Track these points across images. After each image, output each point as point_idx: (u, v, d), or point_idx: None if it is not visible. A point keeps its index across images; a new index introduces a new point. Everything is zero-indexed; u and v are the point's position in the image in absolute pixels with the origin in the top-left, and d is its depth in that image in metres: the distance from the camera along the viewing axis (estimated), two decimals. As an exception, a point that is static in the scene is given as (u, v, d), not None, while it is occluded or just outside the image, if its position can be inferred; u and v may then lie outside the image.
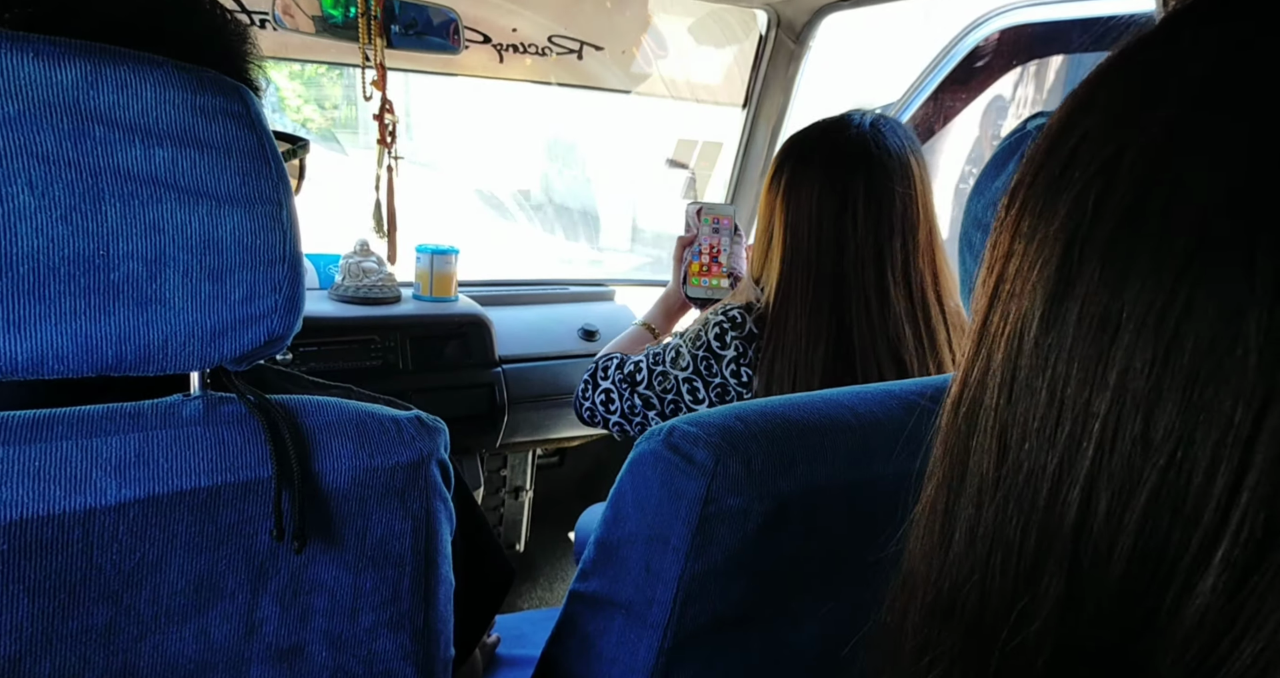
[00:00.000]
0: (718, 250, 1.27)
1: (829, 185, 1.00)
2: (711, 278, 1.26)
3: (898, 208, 0.99)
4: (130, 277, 0.44)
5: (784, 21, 1.66)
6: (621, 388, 1.12)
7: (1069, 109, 0.27)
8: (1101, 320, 0.23)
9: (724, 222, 1.28)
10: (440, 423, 0.54)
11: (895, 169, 1.00)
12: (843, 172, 1.00)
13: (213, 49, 0.55)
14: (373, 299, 1.52)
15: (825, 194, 0.99)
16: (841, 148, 1.01)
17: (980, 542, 0.28)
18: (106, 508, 0.45)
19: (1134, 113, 0.24)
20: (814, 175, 1.01)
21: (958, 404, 0.30)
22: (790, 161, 1.04)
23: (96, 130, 0.42)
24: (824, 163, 1.01)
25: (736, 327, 1.03)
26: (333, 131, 8.20)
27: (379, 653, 0.54)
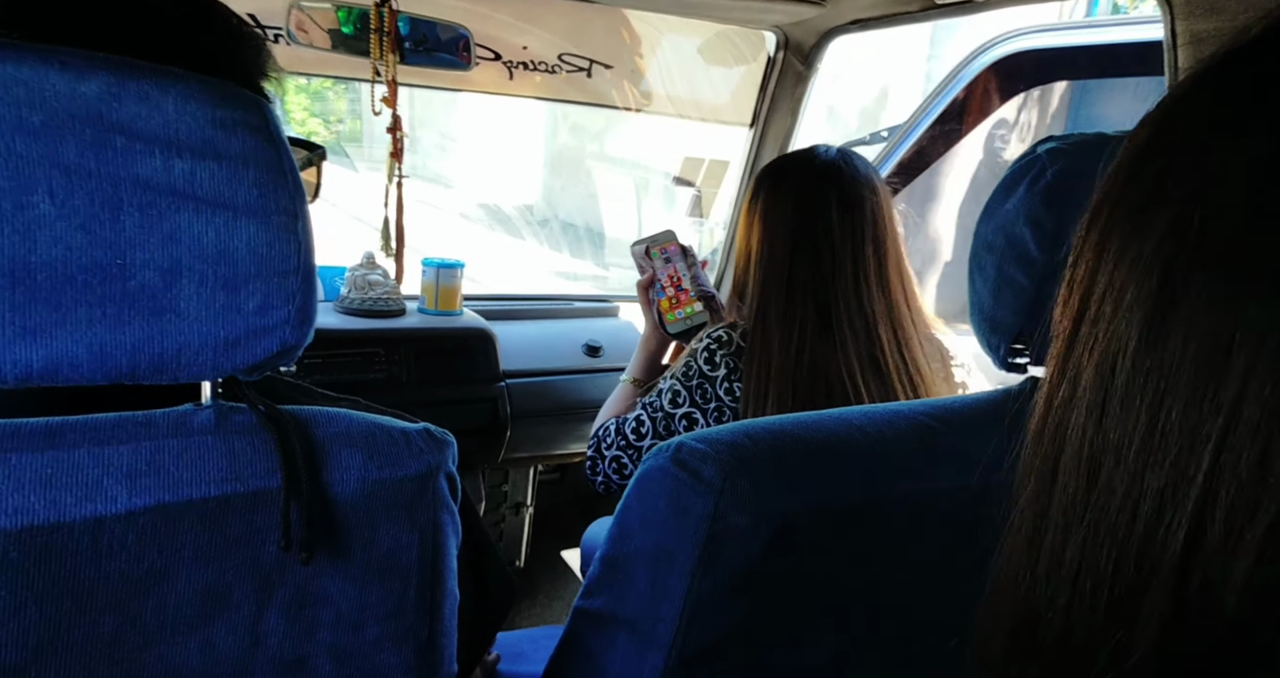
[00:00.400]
0: (679, 278, 1.26)
1: (804, 196, 1.06)
2: (684, 307, 1.25)
3: (869, 216, 1.05)
4: (146, 286, 0.44)
5: (792, 43, 1.67)
6: (628, 451, 1.12)
7: (1155, 126, 0.26)
8: (1213, 342, 0.22)
9: (670, 249, 1.27)
10: (449, 436, 0.54)
11: (863, 181, 1.07)
12: (815, 182, 1.06)
13: (229, 60, 0.56)
14: (378, 312, 1.52)
15: (800, 204, 1.05)
16: (813, 166, 1.08)
17: (1068, 567, 0.26)
18: (116, 516, 0.45)
19: (1239, 124, 0.23)
20: (789, 190, 1.07)
21: (1043, 426, 0.29)
22: (767, 183, 1.10)
23: (118, 141, 0.43)
24: (798, 179, 1.08)
25: (724, 344, 1.05)
26: (340, 145, 8.26)
27: (382, 667, 0.54)
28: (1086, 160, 0.63)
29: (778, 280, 1.04)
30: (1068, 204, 0.62)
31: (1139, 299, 0.24)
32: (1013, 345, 0.66)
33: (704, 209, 2.00)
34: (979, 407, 0.66)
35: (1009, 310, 0.64)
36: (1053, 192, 0.62)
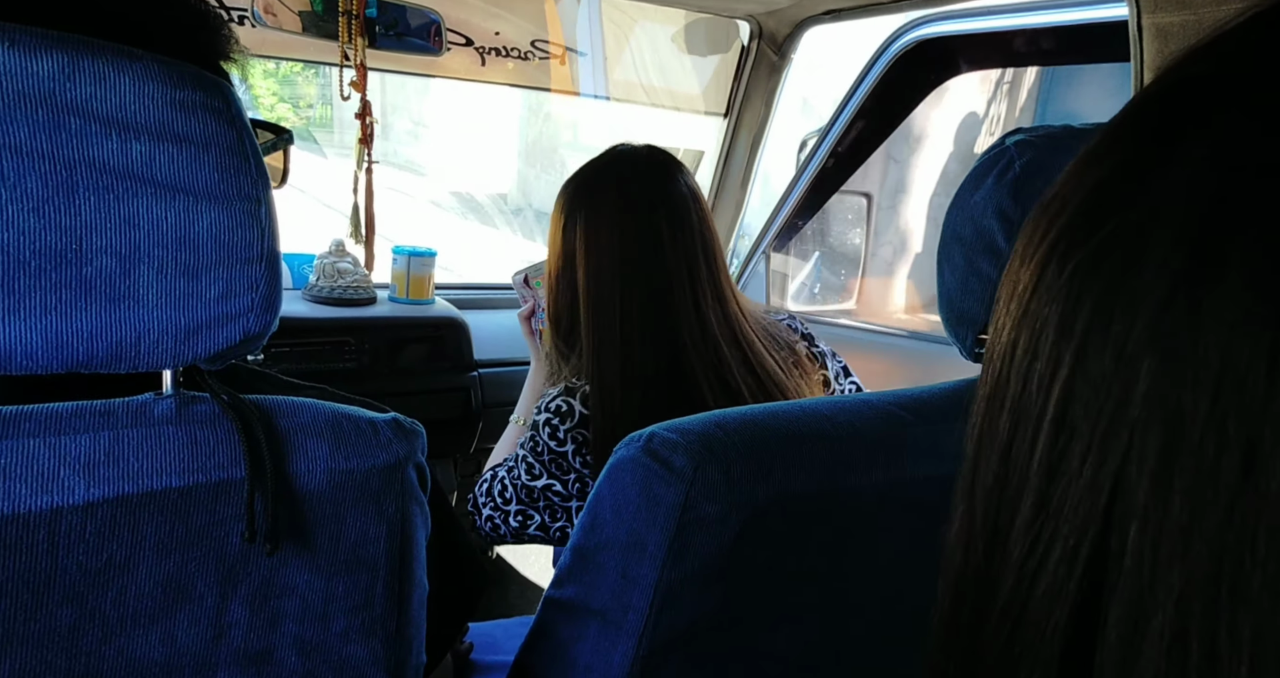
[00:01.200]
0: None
1: (627, 217, 0.95)
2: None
3: (696, 225, 0.96)
4: (103, 272, 0.43)
5: (766, 33, 1.67)
6: (498, 513, 1.00)
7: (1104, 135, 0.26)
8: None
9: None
10: (418, 426, 0.54)
11: (688, 196, 0.97)
12: (638, 198, 0.95)
13: (188, 41, 0.55)
14: (348, 300, 1.50)
15: (625, 227, 0.94)
16: (630, 177, 0.98)
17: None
18: (74, 507, 0.44)
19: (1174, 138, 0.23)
20: (609, 211, 0.95)
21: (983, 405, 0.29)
22: (581, 204, 0.98)
23: (72, 122, 0.42)
24: (615, 195, 0.96)
25: (565, 416, 0.93)
26: (309, 131, 8.13)
27: (350, 659, 0.53)
28: (1054, 153, 0.63)
29: (608, 324, 0.93)
30: (1035, 196, 0.62)
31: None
32: (980, 336, 0.67)
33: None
34: (947, 397, 0.66)
35: (976, 301, 0.65)
36: (1020, 183, 0.62)
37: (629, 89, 1.76)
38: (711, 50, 1.75)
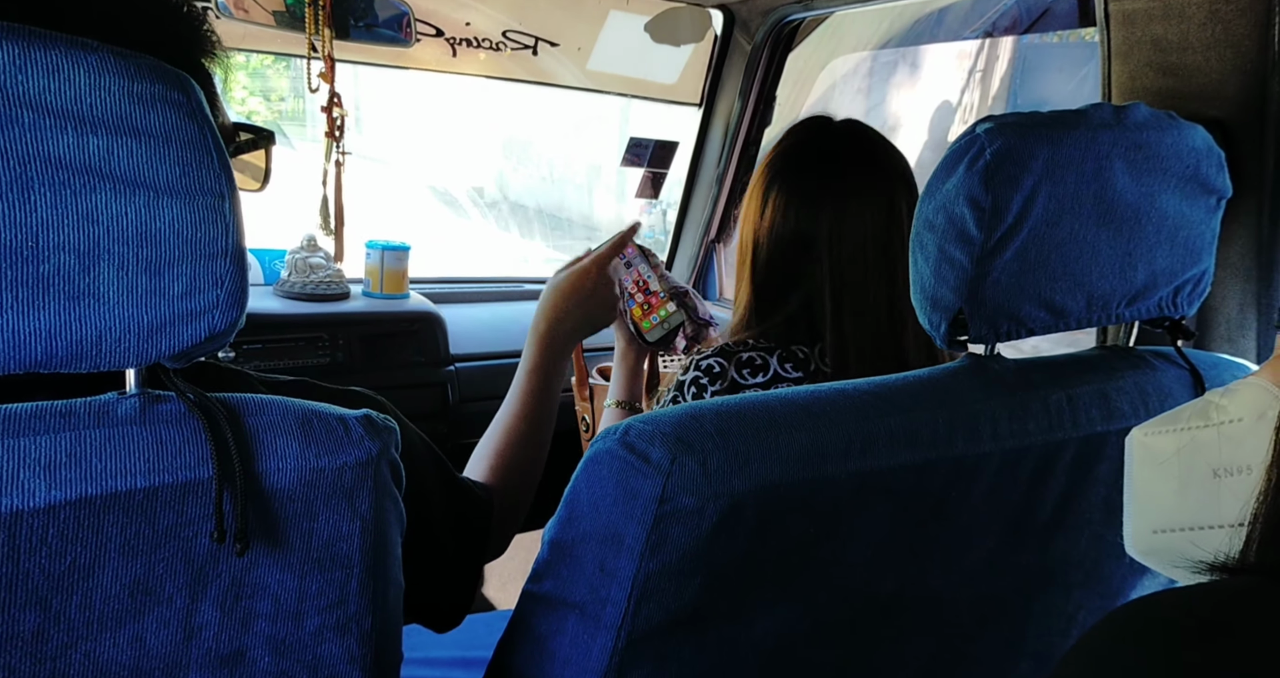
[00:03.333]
0: (645, 282, 1.15)
1: (876, 198, 0.89)
2: (658, 311, 1.14)
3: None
4: (61, 269, 0.42)
5: (739, 22, 1.67)
6: None
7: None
8: None
9: (629, 252, 1.16)
10: (391, 422, 0.53)
11: (910, 172, 0.93)
12: (886, 174, 0.91)
13: (165, 36, 0.53)
14: (320, 296, 1.49)
15: (876, 207, 0.89)
16: (893, 153, 0.93)
17: None
18: (35, 510, 0.43)
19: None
20: (881, 185, 0.90)
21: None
22: (813, 172, 0.91)
23: (25, 116, 0.40)
24: (889, 167, 0.91)
25: (716, 378, 0.90)
26: (279, 124, 8.02)
27: (324, 658, 0.53)
28: (1023, 140, 0.63)
29: (855, 299, 0.88)
30: (1006, 183, 0.63)
31: None
32: (954, 323, 0.67)
33: (655, 190, 1.99)
34: (920, 384, 0.67)
35: (949, 289, 0.65)
36: (991, 171, 0.62)
37: (601, 80, 1.75)
38: (684, 40, 1.74)
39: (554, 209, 7.59)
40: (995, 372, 0.69)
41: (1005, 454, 0.65)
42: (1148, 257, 0.70)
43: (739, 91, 1.71)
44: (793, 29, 1.65)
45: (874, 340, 0.90)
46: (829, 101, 5.52)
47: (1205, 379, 0.73)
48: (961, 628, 0.73)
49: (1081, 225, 0.66)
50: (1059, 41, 5.23)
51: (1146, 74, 0.90)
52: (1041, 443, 0.67)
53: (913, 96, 5.52)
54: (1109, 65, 0.94)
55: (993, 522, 0.68)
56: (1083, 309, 0.69)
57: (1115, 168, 0.66)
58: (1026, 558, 0.71)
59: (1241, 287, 0.90)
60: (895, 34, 4.27)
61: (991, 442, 0.65)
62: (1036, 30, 4.25)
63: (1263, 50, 0.80)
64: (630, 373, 1.16)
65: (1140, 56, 0.90)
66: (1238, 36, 0.82)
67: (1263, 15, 0.80)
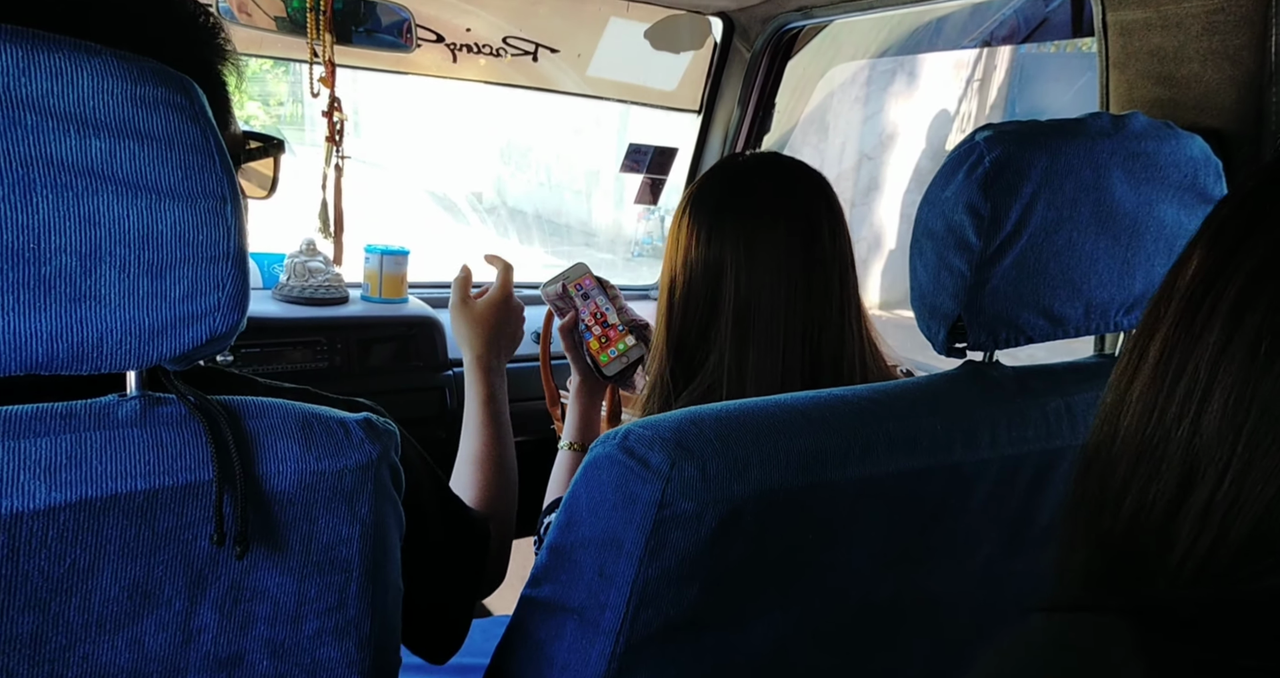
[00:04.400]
0: (603, 314, 1.10)
1: (794, 222, 0.87)
2: (616, 345, 1.09)
3: (848, 245, 0.90)
4: (63, 271, 0.42)
5: (739, 29, 1.67)
6: None
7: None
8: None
9: (586, 282, 1.11)
10: (391, 425, 0.53)
11: (838, 207, 0.91)
12: (801, 195, 0.89)
13: (178, 44, 0.54)
14: (319, 300, 1.49)
15: (790, 230, 0.86)
16: (793, 174, 0.91)
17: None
18: (35, 512, 0.43)
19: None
20: (770, 227, 0.87)
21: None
22: (731, 218, 0.88)
23: (28, 118, 0.41)
24: (775, 194, 0.88)
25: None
26: (279, 129, 8.03)
27: (323, 662, 0.53)
28: (1022, 148, 0.64)
29: (767, 330, 0.85)
30: (1004, 191, 0.63)
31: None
32: (952, 330, 0.67)
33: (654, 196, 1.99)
34: (919, 391, 0.67)
35: (948, 296, 0.65)
36: (990, 179, 0.63)
37: (601, 86, 1.75)
38: (684, 47, 1.75)
39: (552, 215, 7.60)
40: (994, 379, 0.69)
41: (1004, 461, 0.66)
42: (1145, 265, 0.70)
43: (738, 99, 1.72)
44: (792, 37, 1.65)
45: (780, 372, 0.86)
46: (827, 110, 5.55)
47: (1202, 387, 0.74)
48: (958, 635, 0.73)
49: (1080, 234, 0.66)
50: (1056, 52, 5.25)
51: (1144, 84, 0.91)
52: (1040, 451, 0.67)
53: (911, 105, 5.55)
54: (1107, 75, 0.94)
55: (991, 529, 0.69)
56: (1081, 317, 0.69)
57: (1113, 177, 0.66)
58: (1024, 565, 0.71)
59: (1238, 295, 0.90)
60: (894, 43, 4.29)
61: (990, 449, 0.65)
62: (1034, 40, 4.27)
63: (1260, 61, 0.81)
64: (586, 409, 1.12)
65: (1138, 67, 0.91)
66: (1235, 47, 0.82)
67: (1260, 27, 0.80)
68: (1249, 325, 0.34)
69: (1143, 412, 0.37)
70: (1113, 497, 0.38)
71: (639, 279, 2.03)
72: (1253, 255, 0.35)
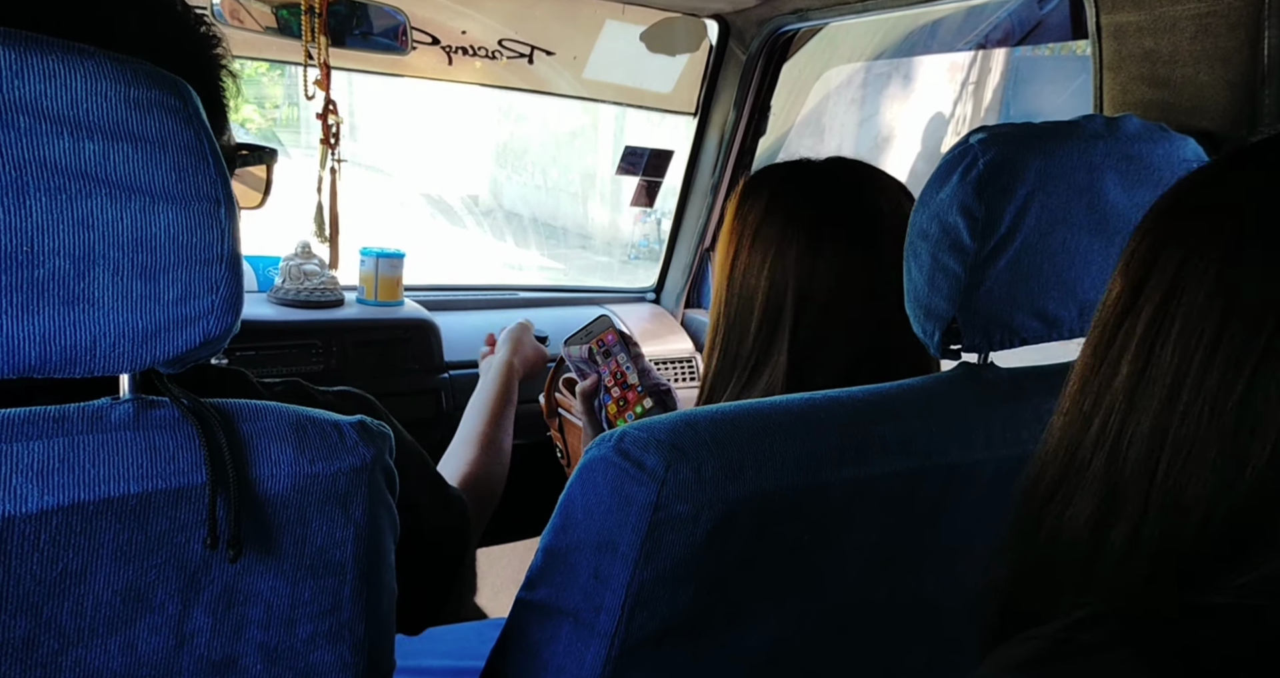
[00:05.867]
0: (623, 375, 1.05)
1: (865, 249, 0.81)
2: (634, 408, 1.05)
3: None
4: (56, 274, 0.42)
5: (734, 32, 1.68)
6: None
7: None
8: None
9: (609, 339, 1.07)
10: (385, 428, 0.53)
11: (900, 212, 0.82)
12: (869, 206, 0.83)
13: (178, 52, 0.54)
14: (314, 302, 1.48)
15: (847, 247, 0.81)
16: (885, 180, 0.86)
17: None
18: (27, 516, 0.43)
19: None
20: (828, 221, 0.82)
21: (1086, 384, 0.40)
22: (794, 233, 0.81)
23: (21, 121, 0.40)
24: (844, 204, 0.82)
25: None
26: (274, 132, 8.02)
27: (317, 665, 0.52)
28: (1016, 150, 0.64)
29: (833, 357, 0.80)
30: (999, 193, 0.63)
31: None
32: (947, 332, 0.67)
33: (650, 199, 1.99)
34: (914, 393, 0.67)
35: (943, 297, 0.66)
36: (984, 181, 0.63)
37: (597, 88, 1.75)
38: (680, 50, 1.75)
39: (548, 218, 7.60)
40: (988, 380, 0.69)
41: (999, 462, 0.66)
42: (1139, 267, 0.70)
43: (734, 101, 1.72)
44: (787, 39, 1.66)
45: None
46: (823, 112, 5.56)
47: (1196, 389, 0.74)
48: (953, 636, 0.73)
49: (1074, 235, 0.66)
50: (1050, 55, 5.27)
51: (1137, 86, 0.91)
52: (1035, 452, 0.67)
53: (906, 108, 5.56)
54: (1100, 77, 0.95)
55: (986, 530, 0.69)
56: (1075, 319, 0.69)
57: (1107, 179, 0.67)
58: (1020, 567, 0.72)
59: (1232, 297, 0.90)
60: (889, 46, 4.30)
61: (985, 450, 0.65)
62: (1029, 42, 4.28)
63: (1252, 63, 0.81)
64: None
65: (1131, 69, 0.91)
66: (1227, 50, 0.83)
67: (1252, 29, 0.81)
68: (1161, 358, 0.34)
69: (1065, 434, 0.38)
70: (1034, 515, 0.39)
71: (635, 282, 2.03)
72: (1160, 283, 0.35)
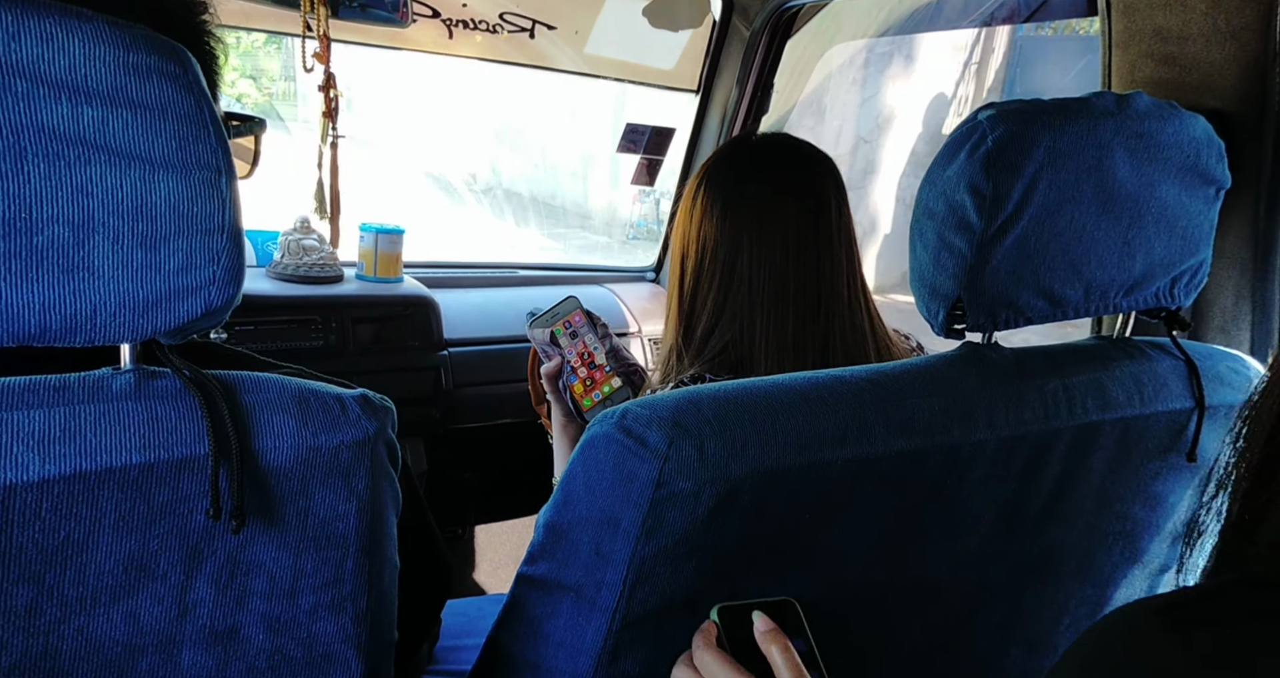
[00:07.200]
0: (590, 355, 1.06)
1: (804, 201, 0.90)
2: (601, 387, 1.06)
3: (848, 223, 0.94)
4: (55, 241, 0.41)
5: (738, 7, 1.66)
6: None
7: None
8: None
9: (575, 320, 1.08)
10: (388, 402, 0.53)
11: (842, 185, 0.94)
12: (810, 174, 0.92)
13: (165, 16, 0.53)
14: (314, 278, 1.48)
15: (801, 208, 0.90)
16: (803, 154, 0.94)
17: None
18: (29, 484, 0.42)
19: None
20: (783, 192, 0.90)
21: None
22: (741, 195, 0.91)
23: (19, 85, 0.40)
24: (787, 173, 0.91)
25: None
26: (272, 106, 7.95)
27: (319, 636, 0.53)
28: (1026, 127, 0.63)
29: (777, 307, 0.88)
30: (1007, 170, 0.63)
31: None
32: (952, 311, 0.67)
33: (650, 177, 1.98)
34: (917, 372, 0.67)
35: (948, 277, 0.65)
36: (992, 158, 0.62)
37: (599, 64, 1.73)
38: (682, 25, 1.73)
39: (548, 197, 7.56)
40: (992, 360, 0.69)
41: (1001, 442, 0.66)
42: (1146, 246, 0.70)
43: (736, 78, 1.70)
44: (791, 15, 1.64)
45: (791, 344, 0.90)
46: (825, 92, 5.52)
47: (1201, 370, 0.74)
48: (953, 615, 0.74)
49: (1081, 214, 0.66)
50: (1054, 34, 5.22)
51: (1146, 64, 0.90)
52: (1037, 432, 0.67)
53: (908, 88, 5.51)
54: (1109, 55, 0.94)
55: (987, 509, 0.69)
56: (1081, 298, 0.69)
57: (1116, 157, 0.66)
58: (1020, 546, 0.72)
59: (1237, 278, 0.90)
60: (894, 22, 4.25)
61: (987, 430, 0.65)
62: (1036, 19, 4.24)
63: (1263, 42, 0.80)
64: (569, 449, 1.10)
65: (1141, 46, 0.90)
66: (1238, 27, 0.82)
67: (1264, 6, 0.80)
68: None
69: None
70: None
71: (635, 261, 2.03)
72: None
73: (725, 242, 0.91)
